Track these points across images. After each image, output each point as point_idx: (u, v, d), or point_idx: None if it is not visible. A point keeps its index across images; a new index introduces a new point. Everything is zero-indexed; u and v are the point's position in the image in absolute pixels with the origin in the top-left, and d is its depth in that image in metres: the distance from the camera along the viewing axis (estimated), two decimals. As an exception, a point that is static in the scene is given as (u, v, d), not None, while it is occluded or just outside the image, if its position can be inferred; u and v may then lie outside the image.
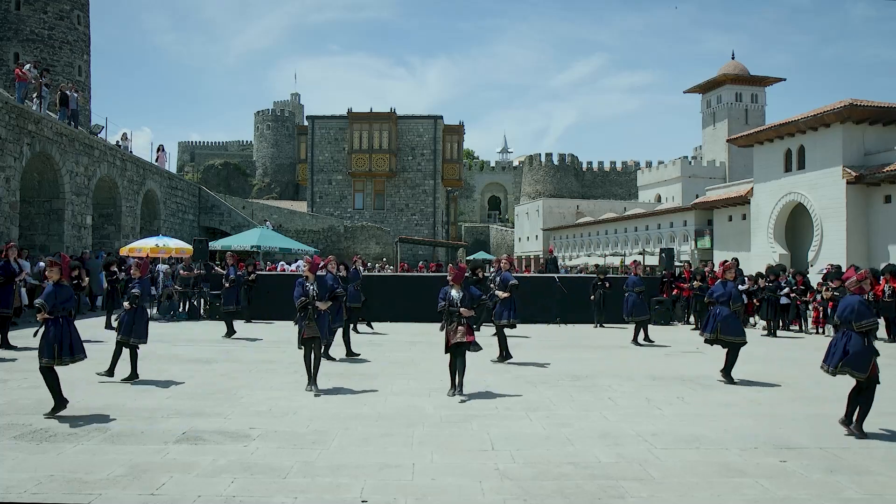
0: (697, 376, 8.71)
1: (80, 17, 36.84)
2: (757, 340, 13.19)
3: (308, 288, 7.44)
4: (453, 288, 7.37)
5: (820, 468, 4.78)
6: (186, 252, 17.48)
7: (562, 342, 12.52)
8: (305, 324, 7.33)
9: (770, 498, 4.18)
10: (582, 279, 16.96)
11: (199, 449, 5.09)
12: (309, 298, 7.35)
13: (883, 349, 11.96)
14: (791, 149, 31.39)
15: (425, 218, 50.17)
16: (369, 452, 5.05)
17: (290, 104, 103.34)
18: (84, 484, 4.27)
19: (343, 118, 49.87)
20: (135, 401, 6.76)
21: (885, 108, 28.18)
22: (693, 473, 4.64)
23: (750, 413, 6.57)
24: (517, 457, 4.97)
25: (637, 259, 22.58)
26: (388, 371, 8.87)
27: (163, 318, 15.69)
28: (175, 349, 10.79)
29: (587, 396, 7.29)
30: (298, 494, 4.14)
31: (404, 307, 15.42)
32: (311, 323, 7.30)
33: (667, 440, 5.48)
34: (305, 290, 7.41)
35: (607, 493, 4.22)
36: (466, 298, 7.30)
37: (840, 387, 8.05)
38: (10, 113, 17.07)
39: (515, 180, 79.60)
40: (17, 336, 11.07)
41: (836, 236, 28.40)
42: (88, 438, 5.34)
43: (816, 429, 5.94)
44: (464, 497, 4.15)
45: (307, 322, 7.32)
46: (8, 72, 31.12)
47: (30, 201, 19.50)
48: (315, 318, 7.34)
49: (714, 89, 61.29)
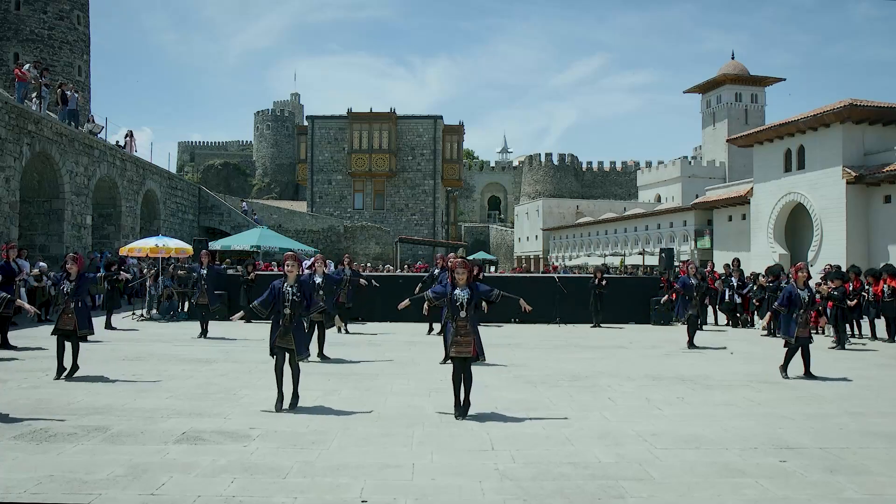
0: (697, 376, 8.71)
1: (80, 17, 36.93)
2: (756, 340, 13.21)
3: (287, 291, 6.40)
4: (458, 285, 6.17)
5: (820, 468, 4.79)
6: (187, 252, 17.57)
7: (561, 342, 12.53)
8: (278, 333, 6.33)
9: (770, 498, 4.19)
10: (581, 279, 16.96)
11: (198, 449, 5.09)
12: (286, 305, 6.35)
13: (884, 349, 12.01)
14: (791, 149, 31.41)
15: (425, 218, 50.26)
16: (369, 452, 5.06)
17: (289, 104, 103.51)
18: (84, 484, 4.27)
19: (343, 118, 50.02)
20: (135, 401, 6.77)
21: (885, 108, 28.21)
22: (693, 473, 4.65)
23: (750, 413, 6.58)
24: (517, 457, 4.98)
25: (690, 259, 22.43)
26: (388, 371, 8.88)
27: (163, 319, 15.75)
28: (175, 349, 10.80)
29: (587, 396, 7.30)
30: (298, 494, 4.14)
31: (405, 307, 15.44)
32: (287, 335, 6.34)
33: (667, 440, 5.49)
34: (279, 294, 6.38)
35: (607, 493, 4.23)
36: (474, 299, 6.16)
37: (840, 387, 8.08)
38: (10, 113, 17.10)
39: (515, 180, 79.74)
40: (16, 336, 11.10)
41: (836, 236, 28.42)
42: (88, 438, 5.34)
43: (816, 429, 5.94)
44: (464, 497, 4.16)
45: (279, 331, 6.34)
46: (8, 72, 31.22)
47: (30, 201, 19.52)
48: (292, 328, 6.37)
49: (714, 89, 61.37)
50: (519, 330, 14.26)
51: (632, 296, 16.55)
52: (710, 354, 11.00)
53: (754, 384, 8.16)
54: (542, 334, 13.77)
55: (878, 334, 13.59)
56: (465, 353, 6.09)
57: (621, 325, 15.82)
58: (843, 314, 12.56)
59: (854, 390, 7.89)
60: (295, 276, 6.52)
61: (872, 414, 6.58)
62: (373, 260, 35.68)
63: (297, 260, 6.67)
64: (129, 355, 9.96)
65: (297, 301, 6.42)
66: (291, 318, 6.36)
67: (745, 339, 13.35)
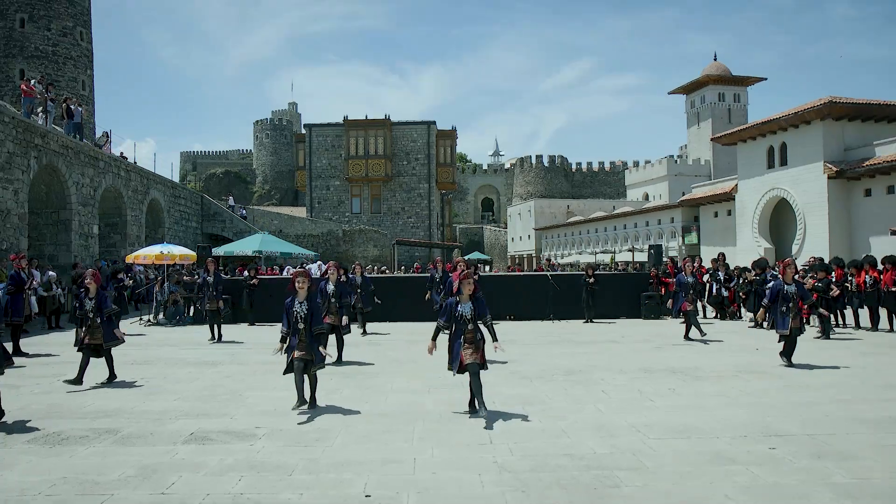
0: (688, 368, 8.86)
1: (83, 33, 37.08)
2: (745, 332, 13.43)
3: (296, 309, 6.46)
4: (461, 301, 6.20)
5: (808, 454, 4.88)
6: (191, 258, 17.74)
7: (555, 338, 12.67)
8: (297, 348, 6.38)
9: (760, 484, 4.28)
10: (574, 277, 17.15)
11: (206, 449, 5.17)
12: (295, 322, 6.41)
13: (868, 338, 12.26)
14: (773, 146, 31.82)
15: (421, 220, 50.66)
16: (371, 449, 5.14)
17: (287, 113, 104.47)
18: (96, 485, 4.35)
19: (339, 125, 50.69)
20: (144, 403, 6.85)
21: (863, 104, 28.67)
22: (685, 462, 4.74)
23: (739, 403, 6.70)
24: (515, 450, 5.06)
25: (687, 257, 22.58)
26: (389, 370, 8.96)
27: (169, 323, 15.89)
28: (181, 353, 10.90)
29: (581, 390, 7.41)
30: (304, 491, 4.21)
31: (404, 307, 15.58)
32: (304, 348, 6.37)
33: (659, 431, 5.59)
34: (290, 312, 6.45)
35: (603, 483, 4.31)
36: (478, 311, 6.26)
37: (826, 376, 8.27)
38: (18, 127, 17.31)
39: (507, 182, 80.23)
40: (28, 343, 11.13)
41: (819, 230, 28.84)
42: (100, 441, 5.42)
43: (804, 417, 6.06)
44: (464, 490, 4.23)
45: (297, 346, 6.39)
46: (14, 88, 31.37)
47: (38, 212, 19.74)
48: (307, 342, 6.42)
49: (698, 90, 61.97)
50: (513, 327, 14.39)
51: (623, 291, 16.75)
52: (700, 347, 11.18)
53: (743, 375, 8.30)
54: (537, 331, 13.89)
55: (861, 323, 13.86)
56: (474, 359, 6.16)
57: (613, 320, 16.00)
58: (828, 305, 12.81)
59: (840, 378, 8.04)
60: (305, 292, 6.55)
61: (858, 401, 6.71)
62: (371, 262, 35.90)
63: (308, 276, 6.68)
64: (138, 359, 10.05)
65: (309, 316, 6.51)
66: (307, 332, 6.45)
67: (733, 332, 13.55)
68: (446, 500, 4.09)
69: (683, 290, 12.09)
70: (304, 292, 6.57)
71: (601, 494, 4.14)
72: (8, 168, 16.75)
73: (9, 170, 16.80)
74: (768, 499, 4.06)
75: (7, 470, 4.67)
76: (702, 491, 4.20)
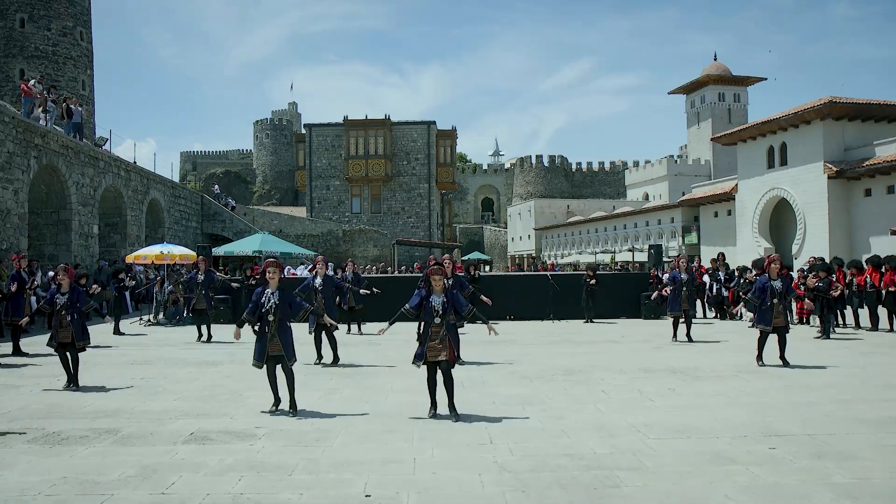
0: (688, 368, 8.86)
1: (83, 33, 37.17)
2: (744, 332, 13.42)
3: (264, 300, 6.23)
4: (434, 292, 6.11)
5: (808, 454, 4.88)
6: (191, 258, 17.77)
7: (555, 338, 12.67)
8: (266, 340, 6.21)
9: (760, 484, 4.27)
10: (574, 277, 17.17)
11: (206, 449, 5.17)
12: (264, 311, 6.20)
13: (868, 338, 12.25)
14: (773, 146, 31.83)
15: (421, 220, 50.77)
16: (371, 449, 5.13)
17: (287, 113, 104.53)
18: (96, 485, 4.35)
19: (339, 125, 50.79)
20: (144, 403, 6.85)
21: (863, 104, 28.68)
22: (685, 462, 4.73)
23: (739, 402, 6.70)
24: (515, 450, 5.06)
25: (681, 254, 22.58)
26: (389, 370, 8.98)
27: (169, 323, 15.90)
28: (181, 353, 10.91)
29: (581, 390, 7.41)
30: (304, 491, 4.21)
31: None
32: (273, 340, 6.21)
33: (659, 430, 5.59)
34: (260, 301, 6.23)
35: (603, 483, 4.31)
36: (450, 307, 6.08)
37: (826, 376, 8.28)
38: (18, 127, 17.35)
39: (507, 182, 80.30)
40: (28, 343, 11.14)
41: (819, 230, 28.85)
42: (100, 441, 5.42)
43: (804, 416, 6.06)
44: (464, 490, 4.23)
45: (266, 338, 6.21)
46: (14, 88, 31.39)
47: (38, 212, 19.78)
48: (278, 334, 6.23)
49: (698, 90, 62.00)
50: (513, 327, 14.39)
51: (622, 291, 16.76)
52: (700, 347, 11.18)
53: (743, 374, 8.31)
54: (537, 330, 13.89)
55: (861, 323, 13.86)
56: (438, 358, 6.00)
57: (613, 320, 16.01)
58: (829, 304, 12.82)
59: (840, 378, 8.03)
60: (276, 281, 6.34)
61: (858, 401, 6.71)
62: (371, 262, 35.99)
63: (279, 266, 6.51)
64: (138, 359, 10.06)
65: (279, 306, 6.26)
66: (277, 323, 6.24)
67: (733, 332, 13.54)
68: (446, 500, 4.09)
69: (677, 287, 11.98)
70: (275, 282, 6.32)
71: (601, 494, 4.14)
72: (8, 168, 16.80)
73: (9, 170, 16.86)
74: (768, 499, 4.05)
75: (7, 470, 4.67)
76: (702, 491, 4.20)
